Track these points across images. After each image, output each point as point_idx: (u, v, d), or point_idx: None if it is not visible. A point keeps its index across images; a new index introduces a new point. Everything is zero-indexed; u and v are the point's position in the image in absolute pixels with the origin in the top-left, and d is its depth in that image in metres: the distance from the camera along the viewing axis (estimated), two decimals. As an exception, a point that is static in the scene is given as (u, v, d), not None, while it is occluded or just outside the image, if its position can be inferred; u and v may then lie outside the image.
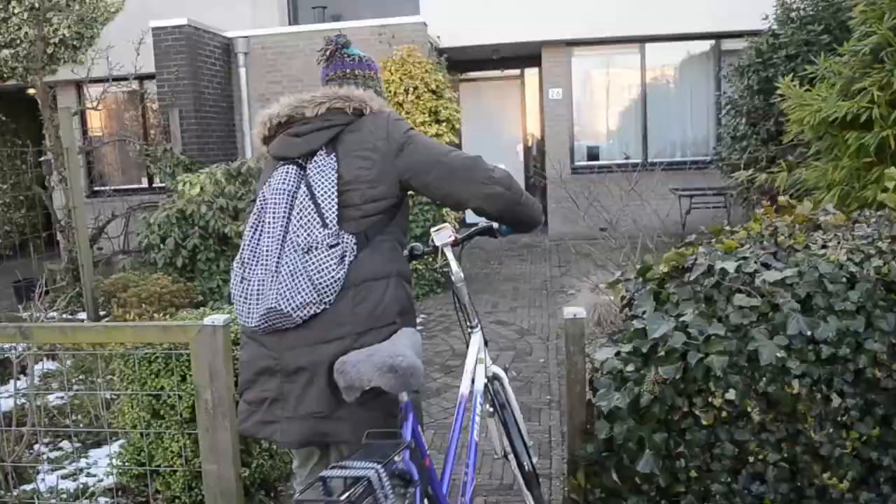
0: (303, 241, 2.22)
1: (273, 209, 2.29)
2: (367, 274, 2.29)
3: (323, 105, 2.37)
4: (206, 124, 9.10)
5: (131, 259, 7.12)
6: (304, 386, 2.25)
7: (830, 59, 5.38)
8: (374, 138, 2.37)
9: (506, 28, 10.76)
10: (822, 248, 2.99)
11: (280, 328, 2.24)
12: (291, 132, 2.39)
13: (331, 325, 2.24)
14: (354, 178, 2.32)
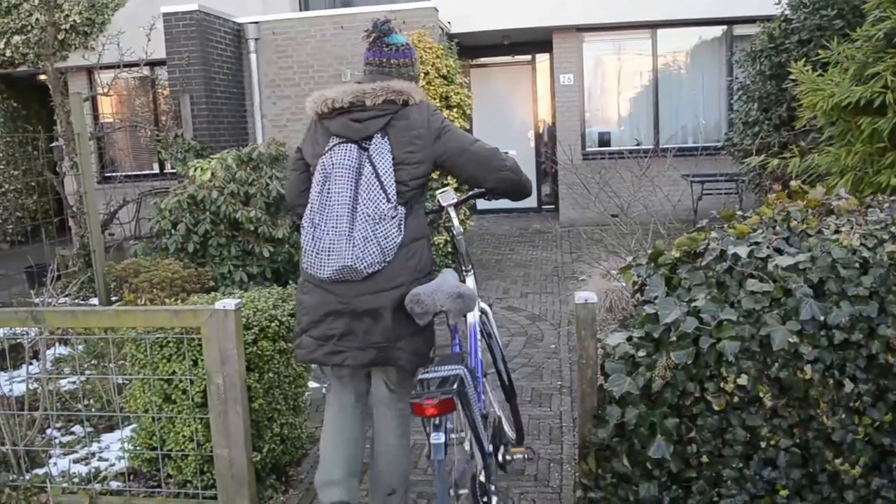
0: (372, 212, 2.73)
1: (340, 181, 2.77)
2: (412, 236, 2.88)
3: (380, 97, 2.80)
4: (216, 110, 9.10)
5: (142, 245, 7.13)
6: (371, 323, 2.81)
7: (843, 44, 5.32)
8: (418, 126, 2.85)
9: (516, 13, 10.70)
10: (835, 233, 2.96)
11: (344, 281, 2.78)
12: (353, 118, 2.83)
13: (390, 278, 2.81)
14: (403, 160, 2.82)
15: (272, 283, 6.89)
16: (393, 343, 2.85)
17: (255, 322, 3.38)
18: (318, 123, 2.97)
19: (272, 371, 3.44)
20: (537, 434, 4.16)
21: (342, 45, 9.47)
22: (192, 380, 3.29)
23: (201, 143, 8.68)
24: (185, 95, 8.73)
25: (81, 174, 6.50)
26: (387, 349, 2.85)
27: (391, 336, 2.84)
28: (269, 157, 7.43)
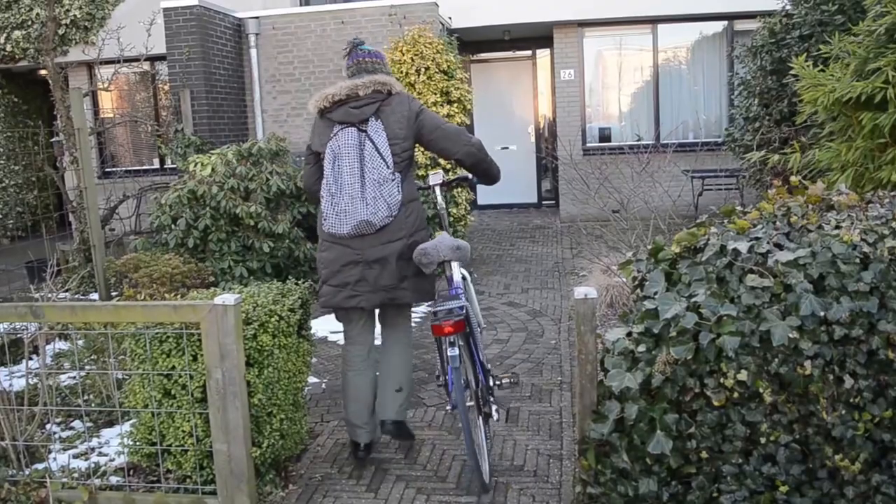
0: (377, 177, 3.55)
1: (347, 156, 3.58)
2: (408, 196, 3.69)
3: (369, 88, 3.64)
4: (216, 105, 9.09)
5: (143, 240, 7.12)
6: (380, 270, 3.62)
7: (845, 38, 5.30)
8: (402, 109, 3.70)
9: (517, 8, 10.67)
10: (835, 228, 2.96)
11: (363, 234, 3.57)
12: (351, 105, 3.63)
13: (394, 231, 3.62)
14: (394, 136, 3.65)
15: (272, 278, 6.89)
16: (398, 285, 3.67)
17: (255, 317, 3.37)
18: (321, 118, 3.75)
19: (272, 366, 3.43)
20: (537, 430, 4.16)
21: (343, 39, 9.44)
22: (192, 375, 3.29)
23: (201, 139, 8.67)
24: (186, 91, 8.71)
25: (81, 169, 6.49)
26: (393, 290, 3.67)
27: (397, 279, 3.65)
28: (269, 152, 7.42)
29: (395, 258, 3.61)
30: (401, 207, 3.62)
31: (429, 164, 7.50)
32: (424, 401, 4.73)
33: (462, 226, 8.23)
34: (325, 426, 4.38)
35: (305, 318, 3.86)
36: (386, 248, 3.60)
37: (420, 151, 6.70)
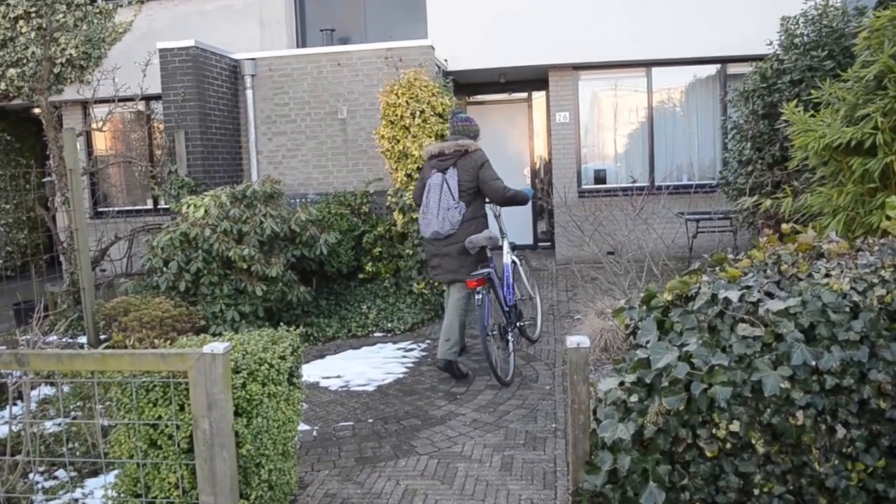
0: (445, 205, 5.84)
1: (434, 191, 5.91)
2: (470, 216, 5.92)
3: (452, 149, 5.96)
4: (211, 146, 9.11)
5: (133, 282, 7.09)
6: (448, 260, 5.91)
7: (834, 84, 5.36)
8: (471, 165, 5.95)
9: (512, 52, 10.79)
10: (825, 276, 2.95)
11: (437, 238, 5.90)
12: (440, 159, 6.01)
13: (455, 239, 5.85)
14: (462, 180, 5.91)
15: (264, 321, 6.85)
16: (456, 270, 5.94)
17: (245, 365, 3.34)
18: (427, 162, 6.20)
19: (261, 416, 3.39)
20: (531, 479, 4.10)
21: (339, 82, 9.53)
22: (179, 425, 3.24)
23: (195, 180, 8.67)
24: (180, 131, 8.74)
25: (73, 210, 6.48)
26: (455, 272, 5.95)
27: (455, 267, 5.95)
28: (263, 194, 7.42)
29: (456, 253, 5.91)
30: (461, 224, 5.90)
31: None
32: (417, 449, 4.66)
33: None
34: (315, 475, 4.30)
35: (297, 365, 3.82)
36: (449, 248, 5.94)
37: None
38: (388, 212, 8.40)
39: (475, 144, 6.03)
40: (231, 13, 11.64)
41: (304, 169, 9.67)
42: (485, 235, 5.87)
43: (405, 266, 8.14)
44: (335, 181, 9.57)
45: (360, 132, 9.46)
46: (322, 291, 8.21)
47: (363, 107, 9.45)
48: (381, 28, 11.62)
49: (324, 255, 7.55)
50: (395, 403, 5.49)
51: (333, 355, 6.93)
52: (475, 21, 10.78)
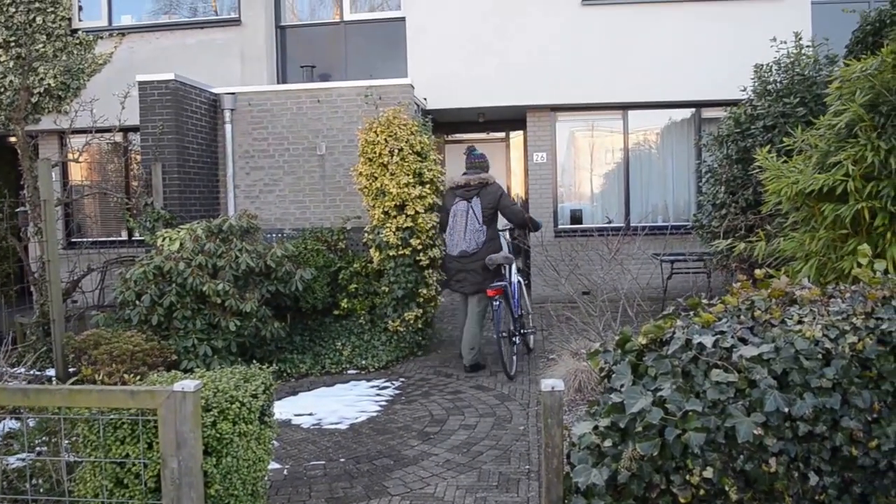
0: (472, 228, 7.27)
1: (461, 216, 7.33)
2: (489, 238, 7.34)
3: (475, 181, 7.36)
4: (188, 179, 9.07)
5: (104, 315, 6.98)
6: (472, 275, 7.28)
7: (807, 131, 5.47)
8: (491, 194, 7.36)
9: (491, 92, 10.93)
10: (798, 323, 2.98)
11: (463, 256, 7.28)
12: (465, 189, 7.38)
13: (479, 256, 7.25)
14: (485, 207, 7.32)
15: (237, 357, 6.77)
16: (480, 283, 7.19)
17: (215, 403, 3.29)
18: (449, 191, 7.57)
19: (231, 455, 3.33)
20: (503, 521, 4.05)
21: (318, 118, 9.57)
22: (146, 463, 3.18)
23: (171, 213, 8.62)
24: (157, 164, 8.69)
25: (46, 241, 6.40)
26: (478, 285, 7.21)
27: (479, 280, 7.21)
28: (239, 228, 7.39)
29: (480, 269, 7.26)
30: (484, 244, 7.28)
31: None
32: (389, 490, 4.60)
33: (432, 307, 8.19)
34: (284, 515, 4.23)
35: (269, 403, 3.77)
36: (474, 264, 7.28)
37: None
38: (365, 248, 8.39)
39: (493, 177, 7.50)
40: (212, 47, 11.69)
41: (281, 204, 9.65)
42: (502, 255, 7.35)
43: (381, 303, 8.11)
44: (312, 217, 9.56)
45: (339, 168, 9.48)
46: (296, 327, 8.15)
47: (342, 143, 9.49)
48: (361, 65, 11.72)
49: (299, 291, 7.50)
50: (368, 443, 5.43)
51: (306, 392, 6.85)
52: (454, 61, 10.92)
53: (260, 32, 11.67)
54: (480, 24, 10.92)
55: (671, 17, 10.86)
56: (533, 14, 10.88)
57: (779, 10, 10.68)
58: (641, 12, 10.93)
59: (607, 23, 10.90)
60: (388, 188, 7.71)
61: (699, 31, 10.74)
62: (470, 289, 7.31)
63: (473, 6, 10.94)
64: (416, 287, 7.91)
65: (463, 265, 7.29)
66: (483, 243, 7.24)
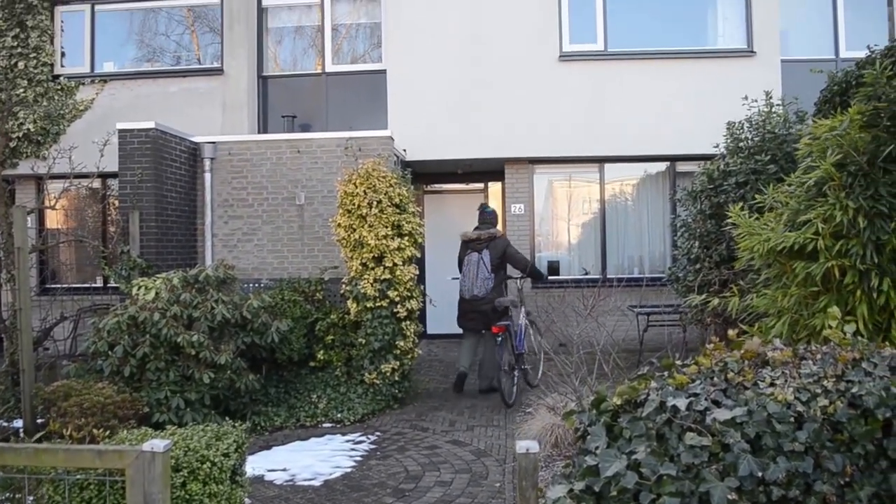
0: (481, 276, 8.48)
1: (473, 266, 8.56)
2: (496, 284, 8.55)
3: (485, 236, 8.61)
4: (166, 228, 9.04)
5: (76, 366, 6.87)
6: (482, 315, 8.47)
7: (777, 189, 5.58)
8: (499, 246, 8.60)
9: (470, 145, 11.07)
10: (770, 385, 3.00)
11: (473, 299, 8.52)
12: (476, 243, 8.63)
13: (487, 299, 8.43)
14: (493, 258, 8.51)
15: (211, 409, 6.68)
16: (488, 322, 8.29)
17: (186, 463, 3.24)
18: (463, 244, 8.80)
19: (199, 515, 3.27)
20: (477, 583, 3.98)
21: (298, 168, 9.61)
22: (112, 525, 3.11)
23: (148, 261, 8.56)
24: (135, 212, 8.66)
25: (18, 289, 6.32)
26: (487, 324, 8.32)
27: (487, 320, 8.34)
28: (216, 279, 7.35)
29: (489, 310, 8.33)
30: (492, 289, 8.42)
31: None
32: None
33: (409, 359, 8.14)
34: (254, 576, 4.13)
35: (240, 462, 3.72)
36: (483, 306, 8.40)
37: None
38: (343, 300, 8.36)
39: (500, 231, 8.98)
40: (194, 96, 11.77)
41: (259, 253, 9.63)
42: (509, 299, 8.52)
43: (357, 355, 8.06)
44: (290, 267, 9.53)
45: (318, 219, 9.50)
46: (272, 379, 8.06)
47: (321, 194, 9.52)
48: (342, 116, 11.83)
49: (275, 343, 7.44)
50: (342, 500, 5.34)
51: (280, 446, 6.75)
52: (434, 113, 11.08)
53: (242, 82, 11.78)
54: (460, 78, 11.11)
55: (645, 72, 11.13)
56: (511, 68, 11.09)
57: (750, 67, 10.98)
58: (616, 68, 11.19)
59: (583, 78, 11.14)
60: (366, 240, 7.73)
61: (673, 87, 11.00)
62: (480, 326, 8.56)
63: (453, 60, 11.14)
64: (394, 339, 7.88)
65: (473, 307, 8.49)
66: (491, 289, 8.43)
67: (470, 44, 11.15)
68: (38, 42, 11.91)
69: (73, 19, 12.29)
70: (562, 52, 11.18)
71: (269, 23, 12.43)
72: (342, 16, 12.32)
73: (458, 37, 11.18)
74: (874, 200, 4.72)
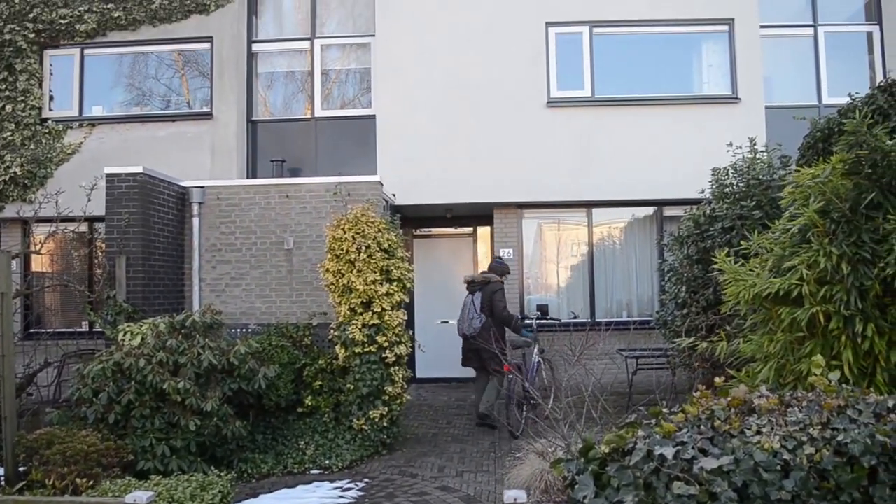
0: (471, 316, 9.08)
1: (466, 307, 9.23)
2: (485, 326, 8.94)
3: (479, 280, 9.31)
4: (153, 272, 9.01)
5: (59, 413, 6.78)
6: (473, 353, 9.14)
7: (762, 235, 5.64)
8: (489, 291, 9.13)
9: (459, 189, 11.14)
10: (756, 433, 3.01)
11: (464, 338, 9.20)
12: (472, 285, 9.32)
13: (479, 339, 8.79)
14: (483, 300, 9.10)
15: (196, 456, 6.59)
16: (480, 360, 8.96)
17: (169, 514, 3.19)
18: (465, 285, 9.41)
19: (182, 569, 3.21)
20: None
21: (286, 213, 9.64)
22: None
23: (134, 306, 8.51)
24: (122, 257, 8.62)
25: (2, 335, 6.27)
26: (479, 361, 9.02)
27: (479, 358, 8.95)
28: (203, 325, 7.31)
29: (482, 349, 8.62)
30: (480, 329, 8.87)
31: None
32: None
33: (398, 404, 8.09)
34: None
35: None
36: (474, 346, 8.90)
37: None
38: (331, 345, 8.33)
39: (495, 277, 9.25)
40: (183, 140, 11.83)
41: (247, 298, 9.60)
42: (522, 339, 9.34)
43: (346, 400, 8.00)
44: (278, 311, 9.50)
45: (306, 263, 9.50)
46: (259, 425, 7.98)
47: (310, 238, 9.54)
48: (331, 160, 11.91)
49: (262, 389, 7.38)
50: (329, 549, 5.26)
51: (267, 494, 6.65)
52: (423, 158, 11.18)
53: (231, 127, 11.86)
54: (448, 124, 11.24)
55: (632, 118, 11.30)
56: (500, 114, 11.24)
57: (735, 113, 11.18)
58: (604, 114, 11.36)
59: (571, 124, 11.29)
60: (354, 285, 7.73)
61: (660, 133, 11.16)
62: (474, 364, 9.16)
63: (442, 106, 11.28)
64: (382, 384, 7.84)
65: (468, 345, 9.12)
66: (478, 329, 8.90)
67: (458, 89, 11.30)
68: (26, 85, 11.97)
69: (62, 63, 12.36)
70: (549, 99, 11.34)
71: (259, 68, 12.57)
72: (332, 61, 12.48)
73: (446, 82, 11.33)
74: (857, 247, 4.78)
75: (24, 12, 11.92)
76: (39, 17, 11.92)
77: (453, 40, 11.38)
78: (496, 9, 11.40)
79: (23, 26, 11.92)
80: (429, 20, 11.45)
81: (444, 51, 11.40)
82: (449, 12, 11.44)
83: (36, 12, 11.92)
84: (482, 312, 9.00)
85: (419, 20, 11.46)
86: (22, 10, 11.92)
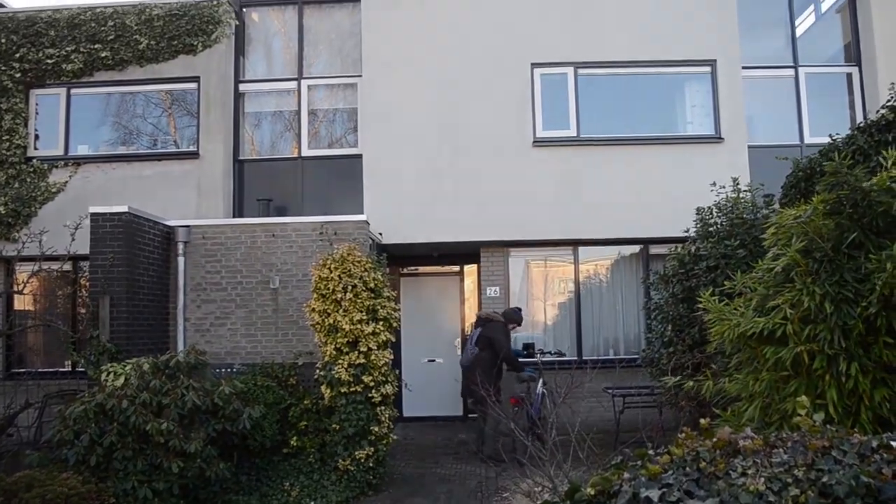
0: (469, 348, 9.78)
1: (470, 339, 9.98)
2: (480, 358, 9.41)
3: (483, 318, 9.97)
4: (137, 312, 8.94)
5: (39, 455, 6.68)
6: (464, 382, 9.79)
7: (746, 275, 5.68)
8: (489, 328, 9.62)
9: (445, 229, 11.18)
10: (741, 475, 3.00)
11: (464, 368, 9.82)
12: (477, 320, 10.03)
13: (471, 369, 9.38)
14: (483, 336, 9.57)
15: (179, 499, 6.50)
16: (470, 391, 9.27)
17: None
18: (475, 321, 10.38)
19: None
20: None
21: (272, 252, 9.64)
22: None
23: (117, 346, 8.44)
24: (105, 297, 8.57)
25: (-16, 378, 6.20)
26: (469, 392, 9.45)
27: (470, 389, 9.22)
28: (187, 365, 7.26)
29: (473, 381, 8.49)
30: (473, 361, 9.36)
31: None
32: None
33: (384, 444, 8.02)
34: None
35: (206, 558, 3.61)
36: (469, 378, 9.14)
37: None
38: (317, 385, 8.27)
39: (499, 317, 9.79)
40: (169, 179, 11.83)
41: (232, 338, 9.55)
42: (527, 374, 9.83)
43: (332, 441, 7.93)
44: (264, 351, 9.45)
45: (292, 302, 9.48)
46: (243, 466, 7.88)
47: (296, 277, 9.53)
48: (318, 199, 11.95)
49: (247, 430, 7.31)
50: None
51: (250, 538, 6.56)
52: (409, 198, 11.23)
53: (218, 166, 11.88)
54: (435, 163, 11.32)
55: (618, 158, 11.41)
56: (486, 154, 11.33)
57: (718, 153, 11.33)
58: (589, 153, 11.47)
59: (557, 163, 11.40)
60: (340, 324, 7.72)
61: (645, 172, 11.27)
62: (465, 392, 9.98)
63: (428, 146, 11.37)
64: (368, 424, 7.79)
65: (465, 375, 9.65)
66: (471, 361, 9.48)
67: (445, 129, 11.40)
68: (11, 124, 11.97)
69: (48, 102, 12.36)
70: (535, 138, 11.46)
71: (247, 107, 12.65)
72: (319, 101, 12.59)
73: (433, 122, 11.44)
74: (840, 286, 4.82)
75: (10, 52, 11.97)
76: (26, 57, 11.97)
77: (440, 81, 11.51)
78: (483, 51, 11.56)
79: (9, 66, 11.96)
80: (415, 61, 11.59)
81: (430, 91, 11.52)
82: (436, 54, 11.59)
83: (22, 52, 11.97)
84: (476, 345, 9.55)
85: (405, 61, 11.59)
86: (8, 49, 11.97)
